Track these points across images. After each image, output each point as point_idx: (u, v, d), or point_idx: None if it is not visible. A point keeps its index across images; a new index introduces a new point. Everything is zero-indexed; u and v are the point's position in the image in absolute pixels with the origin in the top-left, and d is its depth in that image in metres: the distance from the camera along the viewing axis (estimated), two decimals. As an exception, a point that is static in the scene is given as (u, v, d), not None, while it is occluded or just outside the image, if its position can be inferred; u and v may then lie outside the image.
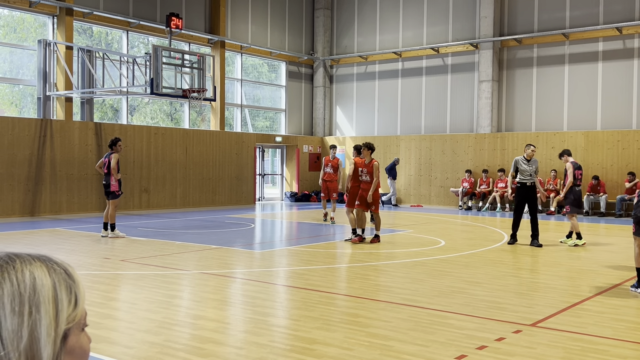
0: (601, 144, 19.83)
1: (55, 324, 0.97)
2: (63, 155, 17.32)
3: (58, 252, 10.37)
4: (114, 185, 12.43)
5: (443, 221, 17.20)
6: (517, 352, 5.06)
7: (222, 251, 10.85)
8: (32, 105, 17.90)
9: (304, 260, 10.12)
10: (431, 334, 5.57)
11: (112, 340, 5.33)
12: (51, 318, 0.97)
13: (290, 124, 25.62)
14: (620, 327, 5.94)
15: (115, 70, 18.08)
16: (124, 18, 19.15)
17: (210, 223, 15.95)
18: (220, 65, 21.81)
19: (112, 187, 12.44)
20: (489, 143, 21.85)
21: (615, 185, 19.47)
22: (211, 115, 22.18)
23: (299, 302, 7.02)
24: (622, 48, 19.79)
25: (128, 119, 20.07)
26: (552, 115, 21.00)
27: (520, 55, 21.66)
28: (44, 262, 1.02)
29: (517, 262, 10.08)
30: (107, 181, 12.49)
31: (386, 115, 24.65)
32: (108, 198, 12.54)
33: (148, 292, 7.44)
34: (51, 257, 1.04)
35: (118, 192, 12.51)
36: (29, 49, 17.65)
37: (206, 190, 21.21)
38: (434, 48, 23.09)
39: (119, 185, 12.51)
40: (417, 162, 23.41)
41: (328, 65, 26.17)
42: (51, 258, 1.04)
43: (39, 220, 16.06)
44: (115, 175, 12.34)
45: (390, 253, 10.93)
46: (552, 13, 20.90)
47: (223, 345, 5.30)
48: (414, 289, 7.69)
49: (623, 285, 8.10)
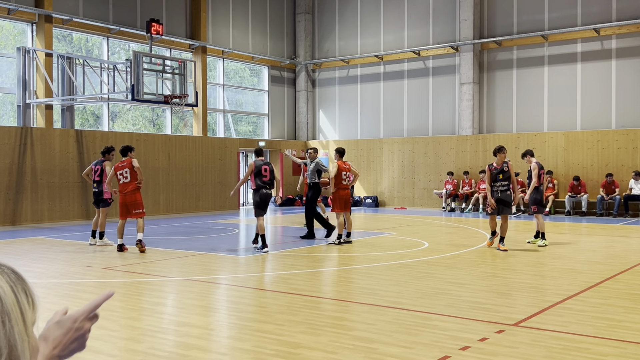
0: (581, 144, 20.05)
1: (24, 328, 0.96)
2: (44, 163, 17.17)
3: (40, 261, 10.28)
4: (107, 192, 12.33)
5: (427, 223, 17.28)
6: (500, 352, 5.10)
7: (206, 257, 10.81)
8: (12, 113, 17.73)
9: (288, 264, 10.12)
10: (415, 336, 5.60)
11: (95, 348, 5.29)
12: (21, 323, 0.96)
13: (274, 128, 25.62)
14: (602, 325, 6.01)
15: (96, 77, 17.96)
16: (104, 24, 19.05)
17: (194, 229, 15.89)
18: (202, 71, 21.76)
19: (104, 194, 12.34)
20: (470, 145, 22.00)
21: (595, 185, 19.68)
22: (193, 120, 22.11)
23: (283, 306, 7.02)
24: (600, 49, 20.04)
25: (109, 126, 19.94)
26: (533, 116, 21.20)
27: (500, 57, 21.86)
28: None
29: (499, 263, 10.16)
30: (99, 189, 12.37)
31: (369, 119, 24.74)
32: (98, 206, 12.41)
33: (131, 300, 7.40)
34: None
35: (110, 200, 12.42)
36: (8, 57, 17.49)
37: (189, 196, 21.13)
38: (415, 51, 23.23)
39: (110, 193, 12.42)
40: (401, 165, 23.51)
41: (310, 70, 26.21)
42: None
43: (20, 229, 15.89)
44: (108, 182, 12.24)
45: (374, 256, 10.96)
46: (531, 15, 21.11)
47: (207, 351, 5.29)
48: (397, 291, 7.72)
49: (604, 283, 8.19)
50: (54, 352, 1.30)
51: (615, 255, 10.83)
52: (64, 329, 1.32)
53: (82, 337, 1.34)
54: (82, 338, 1.34)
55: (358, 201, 23.84)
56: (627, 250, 11.72)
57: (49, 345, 1.30)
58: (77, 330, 1.33)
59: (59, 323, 1.33)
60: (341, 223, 12.33)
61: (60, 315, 1.32)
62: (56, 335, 1.31)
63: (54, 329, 1.32)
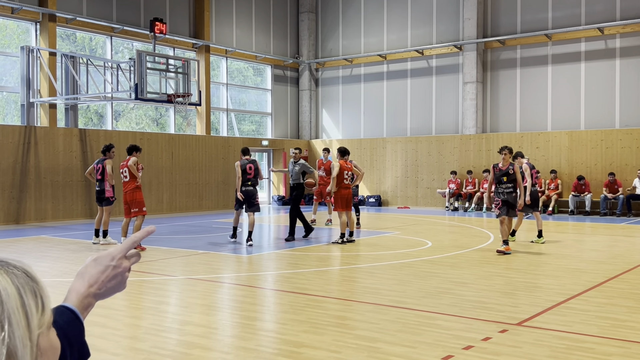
0: (585, 144, 20.00)
1: (28, 332, 0.92)
2: (48, 162, 17.20)
3: (43, 260, 10.30)
4: (109, 191, 12.34)
5: (430, 222, 17.27)
6: (503, 352, 5.09)
7: (210, 256, 10.82)
8: (16, 112, 17.76)
9: (291, 263, 10.12)
10: (418, 335, 5.60)
11: (98, 347, 5.30)
12: (24, 328, 0.91)
13: (277, 127, 25.62)
14: (606, 324, 6.00)
15: (100, 76, 17.99)
16: (107, 23, 19.07)
17: (197, 228, 15.90)
18: (205, 70, 21.77)
19: (106, 193, 12.35)
20: (474, 144, 21.97)
21: (599, 185, 19.64)
22: (197, 119, 22.13)
23: (287, 305, 7.02)
24: (604, 48, 19.99)
25: (113, 125, 19.97)
26: (536, 115, 21.16)
27: (504, 56, 21.82)
28: (2, 267, 0.95)
29: (503, 262, 10.14)
30: (102, 187, 12.37)
31: (372, 118, 24.72)
32: (101, 205, 12.43)
33: (134, 299, 7.41)
34: (7, 259, 0.97)
35: (112, 199, 12.43)
36: (11, 56, 17.52)
37: (193, 195, 21.14)
38: (419, 50, 23.20)
39: (112, 191, 12.44)
40: (404, 164, 23.49)
41: (313, 69, 26.21)
42: (8, 261, 0.97)
43: (24, 227, 15.93)
44: (110, 181, 12.26)
45: (377, 255, 10.95)
46: (535, 14, 21.07)
47: (210, 350, 5.29)
48: (401, 290, 7.72)
49: (608, 283, 8.17)
50: (91, 289, 1.29)
51: (619, 255, 10.81)
52: (102, 266, 1.30)
53: (121, 275, 1.32)
54: (122, 277, 1.32)
55: (361, 200, 23.81)
56: (631, 249, 11.69)
57: (85, 282, 1.29)
58: (115, 268, 1.31)
59: (96, 260, 1.31)
60: (344, 222, 12.34)
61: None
62: (93, 273, 1.29)
63: (91, 267, 1.30)
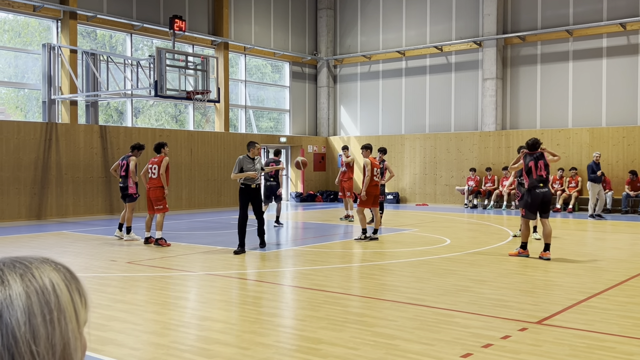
0: (606, 141, 19.76)
1: (77, 326, 0.96)
2: (69, 158, 17.38)
3: (64, 255, 10.42)
4: (132, 187, 12.49)
5: (448, 220, 17.18)
6: (522, 350, 5.05)
7: (228, 252, 10.87)
8: (37, 109, 17.97)
9: (309, 260, 10.13)
10: (437, 333, 5.58)
11: (118, 342, 5.36)
12: (74, 321, 0.96)
13: (295, 124, 25.64)
14: (627, 323, 5.93)
15: (120, 73, 18.13)
16: (127, 21, 19.20)
17: (215, 224, 15.98)
18: (224, 67, 21.84)
19: (129, 189, 12.51)
20: (493, 141, 21.81)
21: (621, 182, 19.40)
22: (215, 116, 22.22)
23: (305, 302, 7.03)
24: (626, 44, 19.72)
25: (133, 122, 20.12)
26: (557, 112, 20.94)
27: (524, 52, 21.62)
28: (50, 264, 0.99)
29: (522, 260, 10.06)
30: (125, 184, 12.54)
31: (390, 115, 24.64)
32: (125, 201, 12.62)
33: (154, 294, 7.47)
34: (52, 258, 1.02)
35: (135, 195, 12.57)
36: (33, 53, 17.72)
37: (211, 191, 21.24)
38: (438, 47, 23.07)
39: (136, 187, 12.58)
40: (422, 161, 23.39)
41: (332, 65, 26.18)
42: (54, 260, 1.01)
43: (46, 223, 16.12)
44: (134, 178, 12.43)
45: (395, 252, 10.93)
46: (556, 10, 20.85)
47: (229, 346, 5.32)
48: (419, 287, 7.69)
49: (629, 281, 8.08)
50: None
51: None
52: None
53: None
54: None
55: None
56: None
57: None
58: None
59: None
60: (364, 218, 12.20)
61: None
62: None
63: None
